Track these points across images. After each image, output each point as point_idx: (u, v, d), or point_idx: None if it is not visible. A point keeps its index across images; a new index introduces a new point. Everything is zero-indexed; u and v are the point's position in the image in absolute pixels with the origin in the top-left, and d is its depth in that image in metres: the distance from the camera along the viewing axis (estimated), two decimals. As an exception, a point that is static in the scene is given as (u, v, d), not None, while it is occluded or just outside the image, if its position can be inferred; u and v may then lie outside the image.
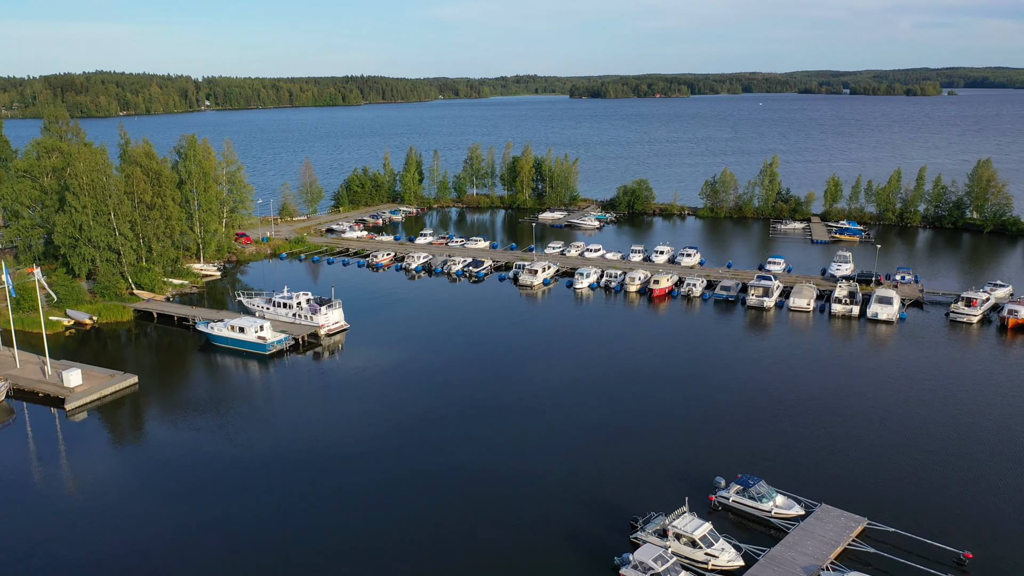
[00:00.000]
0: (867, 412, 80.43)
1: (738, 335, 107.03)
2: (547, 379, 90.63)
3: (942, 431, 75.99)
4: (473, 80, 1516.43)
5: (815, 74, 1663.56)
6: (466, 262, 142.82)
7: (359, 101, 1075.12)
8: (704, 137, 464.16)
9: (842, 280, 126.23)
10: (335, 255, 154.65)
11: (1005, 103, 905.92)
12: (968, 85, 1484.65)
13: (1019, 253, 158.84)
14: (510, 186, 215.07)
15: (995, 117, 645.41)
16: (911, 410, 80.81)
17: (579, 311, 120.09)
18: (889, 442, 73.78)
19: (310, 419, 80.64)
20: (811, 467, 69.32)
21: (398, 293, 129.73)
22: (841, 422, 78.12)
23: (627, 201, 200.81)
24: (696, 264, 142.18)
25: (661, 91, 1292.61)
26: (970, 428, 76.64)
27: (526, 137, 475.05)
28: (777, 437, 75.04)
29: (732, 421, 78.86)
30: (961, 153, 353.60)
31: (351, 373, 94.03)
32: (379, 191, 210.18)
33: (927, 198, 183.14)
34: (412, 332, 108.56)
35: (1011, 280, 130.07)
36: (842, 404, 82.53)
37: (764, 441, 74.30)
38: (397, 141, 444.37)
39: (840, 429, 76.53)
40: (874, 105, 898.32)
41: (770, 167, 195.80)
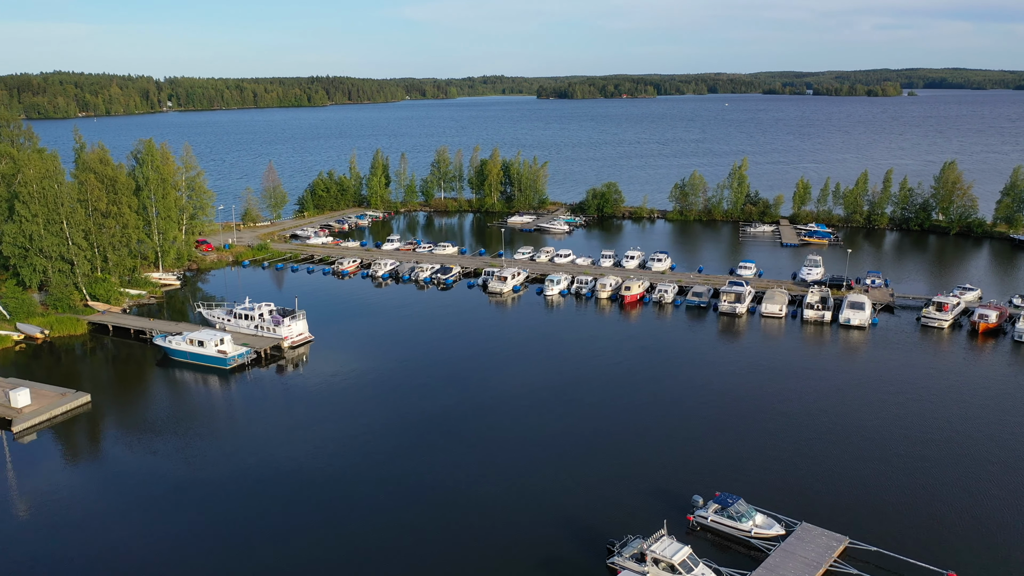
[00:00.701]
0: (844, 423, 79.22)
1: (711, 343, 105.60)
2: (517, 392, 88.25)
3: (921, 443, 74.92)
4: (440, 80, 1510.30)
5: (779, 75, 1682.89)
6: (434, 269, 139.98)
7: (325, 102, 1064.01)
8: (673, 138, 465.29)
9: (814, 285, 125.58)
10: (299, 262, 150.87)
11: (964, 104, 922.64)
12: (927, 86, 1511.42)
13: (984, 255, 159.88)
14: (478, 189, 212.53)
15: (956, 118, 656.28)
16: (888, 420, 79.73)
17: (550, 319, 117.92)
18: (868, 454, 72.54)
19: (273, 437, 77.40)
20: (789, 482, 67.75)
21: (364, 302, 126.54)
22: (818, 434, 76.77)
23: (596, 204, 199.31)
24: (667, 269, 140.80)
25: (628, 92, 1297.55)
26: (949, 439, 75.69)
27: (494, 139, 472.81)
28: (754, 451, 73.44)
29: (708, 434, 77.15)
30: (925, 154, 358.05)
31: (316, 387, 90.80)
32: (345, 195, 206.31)
33: (894, 200, 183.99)
34: (378, 343, 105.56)
35: (979, 283, 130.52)
36: (819, 415, 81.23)
37: (741, 455, 72.65)
38: (364, 143, 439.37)
39: (818, 441, 75.17)
40: (837, 106, 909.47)
41: (739, 170, 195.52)
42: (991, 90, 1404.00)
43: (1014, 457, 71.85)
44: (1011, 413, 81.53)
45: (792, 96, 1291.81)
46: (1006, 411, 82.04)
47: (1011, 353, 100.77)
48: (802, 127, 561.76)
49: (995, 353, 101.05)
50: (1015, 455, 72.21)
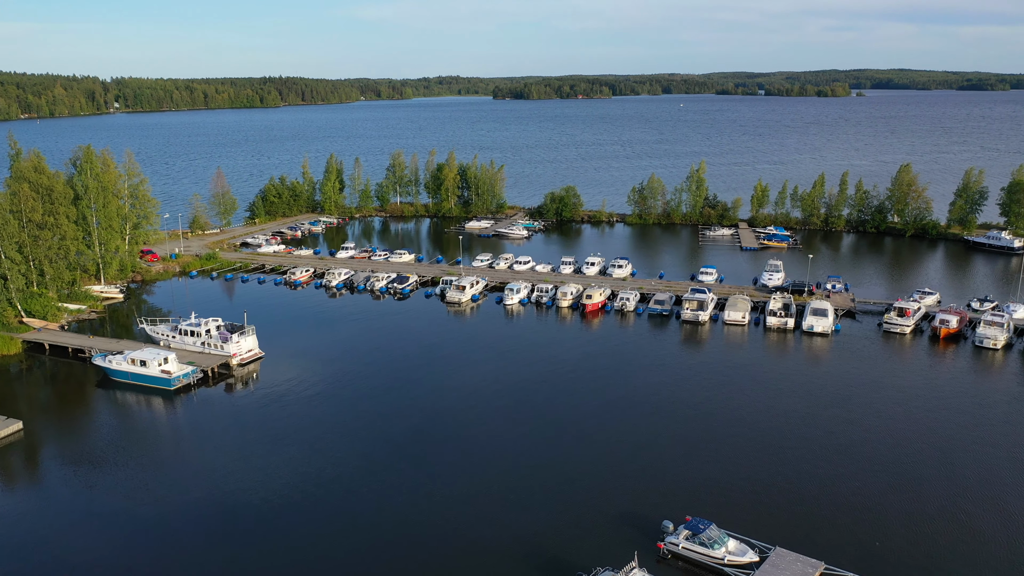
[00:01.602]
0: (816, 438, 77.44)
1: (674, 353, 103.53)
2: (477, 411, 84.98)
3: (893, 458, 73.33)
4: (395, 81, 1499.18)
5: (731, 75, 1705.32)
6: (390, 278, 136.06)
7: (278, 103, 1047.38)
8: (631, 139, 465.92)
9: (776, 291, 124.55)
10: (250, 272, 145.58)
11: (911, 104, 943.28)
12: (875, 86, 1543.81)
13: (940, 257, 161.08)
14: (435, 194, 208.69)
15: (904, 118, 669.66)
16: (859, 434, 78.15)
17: (509, 330, 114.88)
18: (841, 470, 70.76)
19: (222, 466, 73.00)
20: (761, 504, 65.58)
21: (318, 314, 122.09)
22: (790, 450, 74.86)
23: (555, 208, 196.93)
24: (628, 276, 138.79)
25: (583, 92, 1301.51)
26: (920, 453, 74.31)
27: (452, 140, 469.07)
28: (724, 469, 71.21)
29: (676, 452, 74.76)
30: (878, 154, 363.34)
31: (267, 409, 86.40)
32: (297, 201, 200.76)
33: (850, 202, 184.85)
34: (333, 358, 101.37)
35: (937, 286, 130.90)
36: (789, 430, 79.38)
37: (710, 474, 70.35)
38: (319, 145, 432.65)
39: (789, 458, 73.23)
40: (789, 106, 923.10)
41: (697, 173, 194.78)
42: (935, 90, 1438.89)
43: (991, 475, 70.71)
44: (984, 425, 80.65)
45: (745, 96, 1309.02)
46: (979, 423, 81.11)
47: (973, 359, 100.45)
48: (757, 127, 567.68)
49: (958, 359, 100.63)
50: (993, 473, 71.07)
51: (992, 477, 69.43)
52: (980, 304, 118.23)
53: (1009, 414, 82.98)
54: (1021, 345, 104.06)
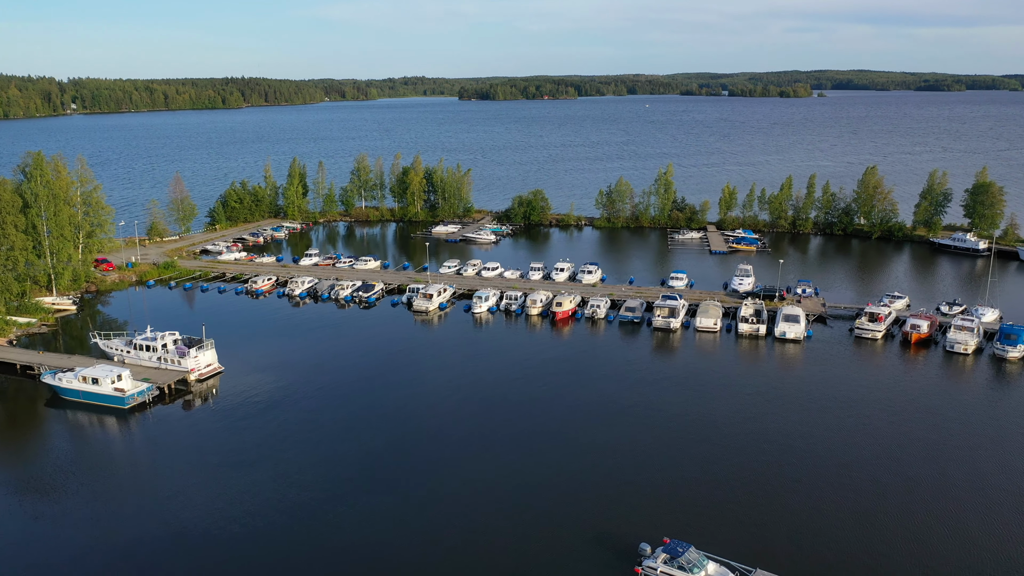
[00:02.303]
0: (795, 452, 75.89)
1: (647, 363, 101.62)
2: (446, 425, 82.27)
3: (871, 470, 72.03)
4: (360, 82, 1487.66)
5: (695, 76, 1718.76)
6: (355, 286, 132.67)
7: (240, 104, 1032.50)
8: (599, 141, 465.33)
9: (747, 297, 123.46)
10: (210, 281, 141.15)
11: (871, 105, 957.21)
12: (835, 87, 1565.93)
13: (906, 259, 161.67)
14: (400, 198, 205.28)
15: (866, 118, 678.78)
16: (837, 446, 76.78)
17: (478, 339, 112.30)
18: (822, 487, 69.19)
19: (180, 492, 69.40)
20: (741, 522, 63.72)
21: (280, 324, 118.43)
22: (768, 466, 73.10)
23: (523, 212, 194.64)
24: (598, 281, 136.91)
25: (549, 93, 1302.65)
26: (907, 466, 73.01)
27: (419, 141, 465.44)
28: (701, 486, 69.32)
29: (651, 468, 72.69)
30: (843, 155, 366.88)
31: (227, 427, 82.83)
32: (260, 206, 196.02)
33: (818, 205, 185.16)
34: (296, 371, 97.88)
35: (905, 290, 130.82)
36: (767, 443, 77.74)
37: (688, 492, 68.43)
38: (283, 148, 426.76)
39: (769, 474, 71.49)
40: (753, 107, 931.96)
41: (664, 176, 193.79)
42: (894, 91, 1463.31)
43: (984, 482, 69.70)
44: (971, 434, 79.82)
45: (709, 97, 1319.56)
46: (954, 435, 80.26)
47: (945, 364, 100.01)
48: (722, 128, 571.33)
49: (930, 365, 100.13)
50: (986, 480, 70.07)
51: (985, 484, 68.39)
52: (949, 308, 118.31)
53: (993, 421, 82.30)
54: (991, 350, 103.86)
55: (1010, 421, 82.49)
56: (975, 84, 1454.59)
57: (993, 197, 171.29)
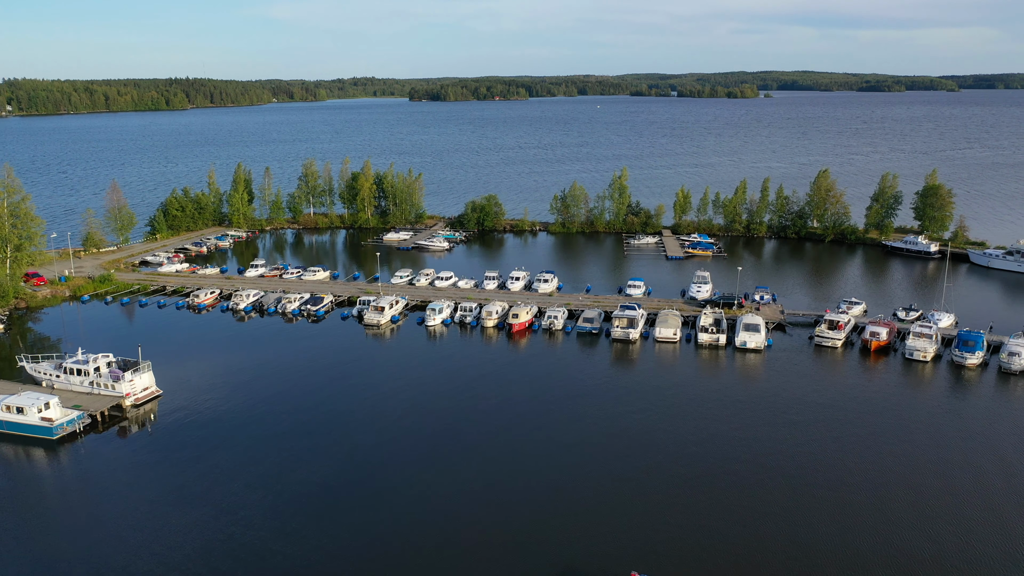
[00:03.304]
0: (762, 472, 73.50)
1: (606, 376, 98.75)
2: (399, 449, 78.11)
3: (851, 493, 70.01)
4: (308, 82, 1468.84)
5: (644, 77, 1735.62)
6: (303, 299, 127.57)
7: (185, 105, 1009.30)
8: (552, 143, 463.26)
9: (706, 305, 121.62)
10: (149, 295, 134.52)
11: (817, 105, 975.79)
12: (780, 87, 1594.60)
13: (860, 262, 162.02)
14: (350, 204, 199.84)
15: (814, 119, 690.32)
16: (804, 462, 74.64)
17: (432, 354, 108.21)
18: (791, 508, 66.89)
19: (115, 533, 64.12)
20: (708, 553, 60.97)
21: (224, 341, 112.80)
22: (735, 488, 70.48)
23: (476, 218, 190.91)
24: (554, 290, 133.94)
25: (500, 94, 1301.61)
26: (882, 485, 71.16)
27: (371, 143, 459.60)
28: (668, 514, 66.41)
29: (613, 493, 69.58)
30: (793, 156, 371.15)
31: (166, 457, 77.48)
32: (203, 214, 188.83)
33: (771, 208, 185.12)
34: (241, 393, 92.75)
35: (861, 295, 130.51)
36: (734, 463, 75.27)
37: (654, 521, 65.45)
38: (231, 151, 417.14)
39: (737, 498, 68.90)
40: (703, 107, 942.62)
41: (619, 180, 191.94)
42: (837, 91, 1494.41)
43: (958, 498, 68.10)
44: (947, 446, 78.46)
45: (658, 98, 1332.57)
46: (925, 448, 78.86)
47: (905, 372, 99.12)
48: (674, 129, 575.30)
49: (891, 373, 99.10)
50: (964, 494, 68.48)
51: (959, 499, 66.81)
52: (906, 314, 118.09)
53: (961, 431, 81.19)
54: (949, 356, 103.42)
55: (975, 430, 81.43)
56: (914, 85, 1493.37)
57: (942, 200, 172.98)
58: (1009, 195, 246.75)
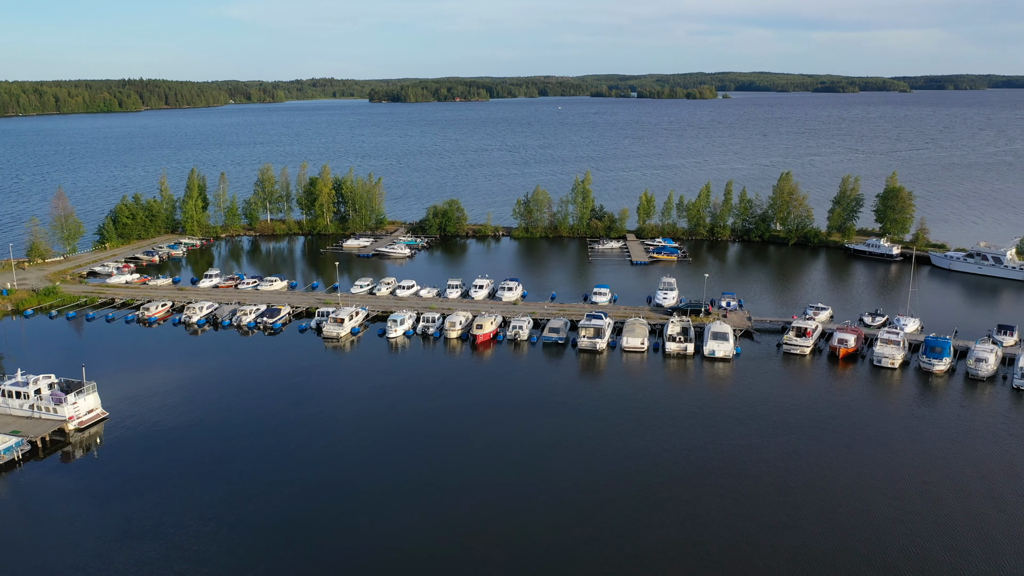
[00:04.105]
0: (731, 482, 71.48)
1: (573, 387, 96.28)
2: (360, 471, 74.72)
3: (826, 502, 68.32)
4: (266, 83, 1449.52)
5: (604, 78, 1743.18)
6: (259, 311, 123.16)
7: (139, 107, 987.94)
8: (515, 145, 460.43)
9: (673, 313, 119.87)
10: (97, 308, 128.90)
11: (775, 106, 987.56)
12: (738, 88, 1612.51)
13: (823, 266, 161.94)
14: (308, 210, 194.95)
15: (773, 120, 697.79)
16: (784, 482, 72.73)
17: (394, 367, 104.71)
18: (772, 530, 64.93)
19: (56, 569, 59.86)
20: (678, 564, 58.74)
21: (176, 357, 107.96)
22: (712, 510, 68.38)
23: (438, 224, 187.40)
24: (519, 298, 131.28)
25: (461, 95, 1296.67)
26: (863, 502, 69.57)
27: (331, 146, 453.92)
28: (635, 534, 64.00)
29: (584, 519, 66.88)
30: (755, 157, 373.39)
31: (112, 486, 73.00)
32: (155, 221, 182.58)
33: (735, 212, 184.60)
34: (193, 413, 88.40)
35: (827, 300, 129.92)
36: (701, 474, 73.22)
37: (621, 531, 62.97)
38: (188, 155, 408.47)
39: (704, 516, 66.81)
40: (664, 108, 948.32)
41: (582, 184, 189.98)
42: (793, 92, 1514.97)
43: (949, 518, 66.63)
44: (915, 459, 77.17)
45: (619, 99, 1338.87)
46: (908, 456, 77.56)
47: (873, 380, 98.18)
48: (636, 130, 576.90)
49: (859, 381, 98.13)
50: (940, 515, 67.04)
51: (939, 504, 65.37)
52: (872, 319, 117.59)
53: (944, 440, 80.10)
54: (916, 362, 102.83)
55: (952, 437, 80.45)
56: (867, 86, 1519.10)
57: (903, 202, 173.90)
58: (966, 195, 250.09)
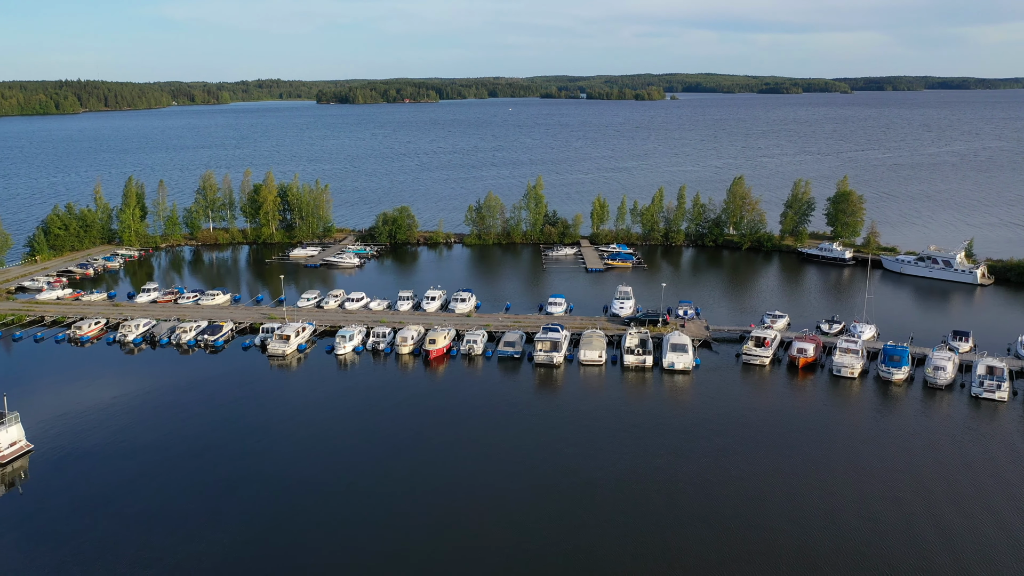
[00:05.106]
0: (692, 501, 68.83)
1: (529, 404, 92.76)
2: (312, 497, 70.26)
3: (797, 519, 66.03)
4: (211, 84, 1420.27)
5: (554, 79, 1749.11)
6: (200, 327, 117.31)
7: (77, 109, 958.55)
8: (467, 148, 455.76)
9: (630, 323, 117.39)
10: (24, 327, 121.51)
11: (722, 107, 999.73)
12: (685, 89, 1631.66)
13: (777, 270, 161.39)
14: (253, 218, 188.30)
15: (721, 121, 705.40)
16: (744, 491, 70.42)
17: (344, 385, 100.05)
18: (745, 554, 62.29)
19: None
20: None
21: (109, 379, 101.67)
22: (665, 519, 65.68)
23: (388, 231, 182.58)
24: (472, 310, 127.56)
25: (410, 96, 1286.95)
26: (834, 522, 67.40)
27: (280, 150, 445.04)
28: (594, 545, 60.84)
29: (538, 541, 63.53)
30: (706, 159, 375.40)
31: (36, 527, 67.29)
32: (89, 232, 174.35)
33: (689, 216, 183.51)
34: (128, 441, 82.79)
35: (783, 306, 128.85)
36: (668, 501, 70.44)
37: (580, 550, 59.89)
38: (130, 159, 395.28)
39: (686, 544, 64.00)
40: (614, 110, 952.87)
41: (534, 189, 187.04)
42: (739, 93, 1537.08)
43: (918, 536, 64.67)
44: (881, 472, 75.38)
45: (568, 100, 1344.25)
46: (875, 469, 75.76)
47: (834, 390, 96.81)
48: (587, 132, 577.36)
49: (820, 391, 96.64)
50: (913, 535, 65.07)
51: (910, 521, 63.46)
52: (829, 326, 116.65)
53: (907, 451, 78.57)
54: (875, 371, 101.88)
55: (915, 448, 79.08)
56: (810, 87, 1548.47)
57: (853, 206, 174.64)
58: (913, 197, 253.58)
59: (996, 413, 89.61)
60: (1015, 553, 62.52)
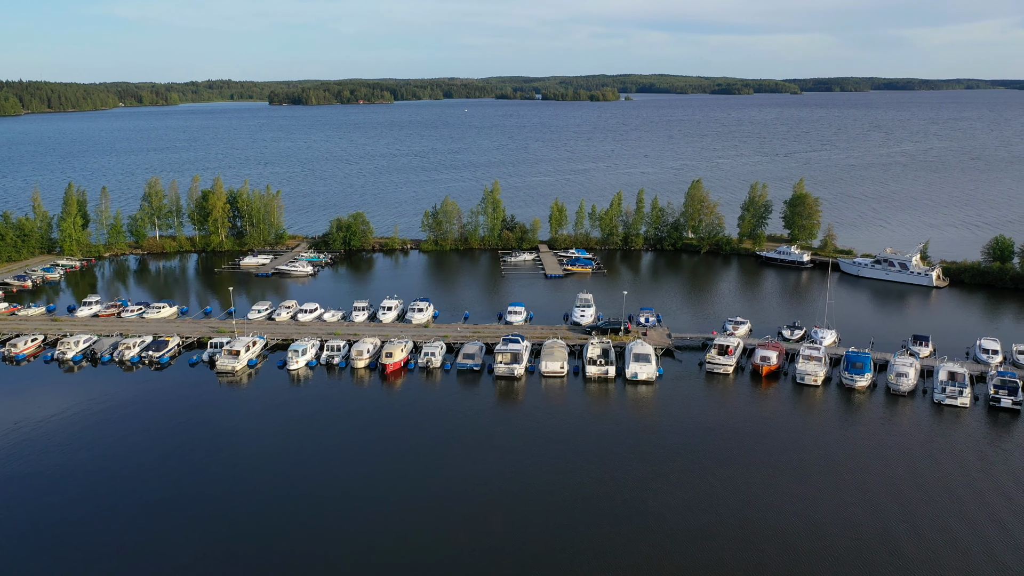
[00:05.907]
0: (659, 517, 66.63)
1: (490, 418, 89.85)
2: (255, 524, 66.39)
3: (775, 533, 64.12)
4: (159, 85, 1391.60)
5: (509, 80, 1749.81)
6: (144, 343, 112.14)
7: (18, 111, 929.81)
8: (424, 150, 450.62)
9: (592, 332, 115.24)
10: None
11: (676, 108, 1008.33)
12: (640, 90, 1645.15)
13: (736, 274, 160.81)
14: (201, 226, 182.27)
15: (677, 122, 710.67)
16: (711, 505, 68.40)
17: (296, 402, 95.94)
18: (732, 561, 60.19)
19: None
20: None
21: (46, 400, 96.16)
22: (631, 534, 63.37)
23: (342, 238, 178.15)
24: (430, 320, 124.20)
25: (364, 97, 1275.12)
26: (818, 528, 65.61)
27: (232, 152, 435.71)
28: (561, 562, 58.33)
29: (499, 546, 60.90)
30: (664, 160, 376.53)
31: (-45, 568, 62.75)
32: (27, 242, 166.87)
33: (647, 220, 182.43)
34: (65, 467, 77.93)
35: (744, 312, 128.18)
36: (655, 517, 68.14)
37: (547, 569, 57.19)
38: (71, 164, 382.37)
39: (649, 558, 61.66)
40: (569, 111, 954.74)
41: (492, 194, 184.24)
42: (692, 94, 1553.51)
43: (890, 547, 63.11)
44: (881, 480, 73.99)
45: (524, 101, 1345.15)
46: (849, 480, 74.36)
47: (798, 398, 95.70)
48: (544, 133, 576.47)
49: (783, 400, 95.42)
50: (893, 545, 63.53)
51: (889, 532, 61.92)
52: (791, 332, 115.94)
53: (883, 459, 77.37)
54: (838, 377, 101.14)
55: (891, 457, 78.04)
56: (761, 88, 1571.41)
57: (810, 208, 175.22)
58: (867, 197, 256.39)
59: (958, 420, 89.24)
60: (988, 556, 61.46)
